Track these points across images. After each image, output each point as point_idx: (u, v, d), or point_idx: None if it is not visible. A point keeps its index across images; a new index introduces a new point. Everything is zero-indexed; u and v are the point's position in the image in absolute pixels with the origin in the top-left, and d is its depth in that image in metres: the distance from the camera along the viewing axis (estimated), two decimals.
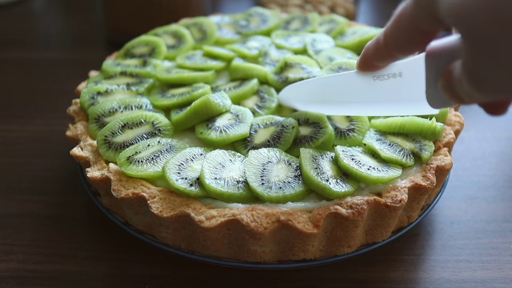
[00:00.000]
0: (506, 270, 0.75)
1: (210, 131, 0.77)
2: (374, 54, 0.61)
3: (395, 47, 0.57)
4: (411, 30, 0.53)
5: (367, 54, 0.63)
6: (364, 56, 0.64)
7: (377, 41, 0.59)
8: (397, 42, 0.56)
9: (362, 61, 0.65)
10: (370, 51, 0.62)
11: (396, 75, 0.64)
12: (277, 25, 1.10)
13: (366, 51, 0.63)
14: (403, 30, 0.54)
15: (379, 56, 0.60)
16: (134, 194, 0.68)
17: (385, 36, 0.57)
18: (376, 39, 0.59)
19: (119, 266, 0.75)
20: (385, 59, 0.61)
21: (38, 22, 1.59)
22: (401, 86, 0.64)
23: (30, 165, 0.95)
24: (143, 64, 0.95)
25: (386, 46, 0.57)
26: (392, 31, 0.56)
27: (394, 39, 0.56)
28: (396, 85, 0.64)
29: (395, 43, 0.56)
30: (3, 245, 0.78)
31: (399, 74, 0.64)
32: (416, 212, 0.75)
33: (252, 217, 0.64)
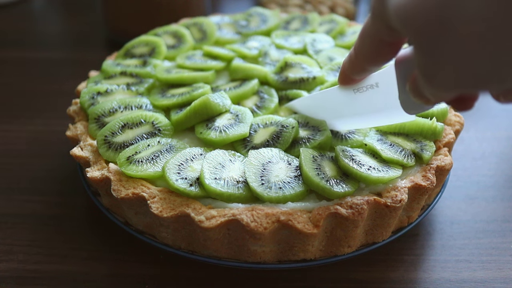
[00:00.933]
0: (506, 270, 0.75)
1: (209, 131, 0.77)
2: (350, 68, 0.64)
3: (365, 61, 0.59)
4: (375, 43, 0.55)
5: (344, 69, 0.66)
6: (342, 71, 0.66)
7: (350, 56, 0.62)
8: (366, 56, 0.58)
9: (340, 76, 0.68)
10: (346, 66, 0.65)
11: (373, 86, 0.66)
12: (277, 25, 1.10)
13: (342, 66, 0.66)
14: (368, 44, 0.56)
15: (354, 70, 0.63)
16: (134, 194, 0.68)
17: (355, 51, 0.60)
18: (349, 54, 0.62)
19: (119, 266, 0.75)
20: (360, 73, 0.63)
21: (38, 22, 1.60)
22: (379, 96, 0.66)
23: (30, 165, 0.95)
24: (143, 64, 0.95)
25: (358, 61, 0.60)
26: (359, 46, 0.58)
27: (363, 53, 0.58)
28: (375, 96, 0.67)
29: (364, 57, 0.59)
30: (3, 245, 0.78)
31: (376, 84, 0.66)
32: (416, 212, 0.75)
33: (252, 217, 0.64)
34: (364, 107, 0.69)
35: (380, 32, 0.53)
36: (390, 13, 0.48)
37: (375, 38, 0.55)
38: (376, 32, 0.54)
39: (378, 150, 0.73)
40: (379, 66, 0.60)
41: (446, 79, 0.46)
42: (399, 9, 0.46)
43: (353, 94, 0.69)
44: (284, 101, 0.86)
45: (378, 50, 0.56)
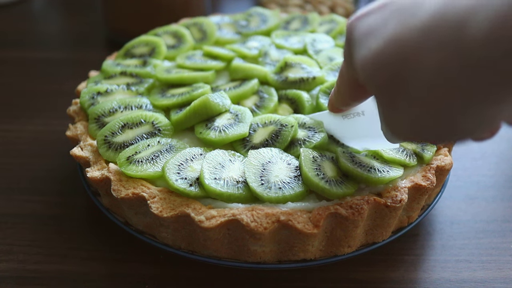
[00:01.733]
0: (506, 270, 0.75)
1: (209, 131, 0.77)
2: (336, 101, 0.68)
3: (347, 97, 0.63)
4: (351, 84, 0.59)
5: (331, 100, 0.71)
6: (330, 102, 0.71)
7: (335, 91, 0.67)
8: (346, 94, 0.62)
9: (329, 106, 0.72)
10: (332, 98, 0.69)
11: (360, 113, 0.71)
12: (277, 25, 1.10)
13: (330, 98, 0.71)
14: (346, 84, 0.60)
15: (339, 104, 0.68)
16: (134, 194, 0.68)
17: (338, 89, 0.65)
18: (334, 89, 0.67)
19: (119, 266, 0.75)
20: (345, 106, 0.68)
21: (38, 22, 1.60)
22: (365, 123, 0.70)
23: (30, 165, 0.95)
24: (143, 64, 0.95)
25: (340, 97, 0.65)
26: (340, 84, 0.62)
27: (342, 92, 0.63)
28: (361, 123, 0.71)
29: (345, 95, 0.63)
30: (3, 245, 0.78)
31: (362, 112, 0.71)
32: (416, 212, 0.75)
33: (252, 217, 0.64)
34: (352, 132, 0.73)
35: (353, 76, 0.57)
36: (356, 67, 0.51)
37: (350, 80, 0.58)
38: (349, 76, 0.58)
39: (380, 151, 0.73)
40: (360, 102, 0.64)
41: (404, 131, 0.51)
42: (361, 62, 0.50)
43: (341, 119, 0.73)
44: (284, 100, 0.86)
45: (355, 90, 0.60)
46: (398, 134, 0.52)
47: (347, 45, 0.54)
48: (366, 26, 0.50)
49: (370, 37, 0.49)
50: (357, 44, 0.51)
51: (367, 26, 0.50)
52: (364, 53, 0.49)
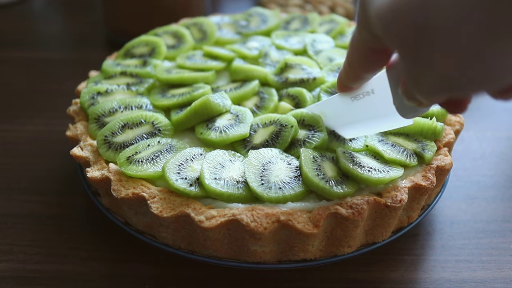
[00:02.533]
0: (506, 270, 0.75)
1: (210, 131, 0.77)
2: (345, 77, 0.64)
3: (358, 69, 0.59)
4: (365, 51, 0.55)
5: (340, 78, 0.66)
6: (338, 79, 0.66)
7: (344, 66, 0.62)
8: (358, 64, 0.58)
9: (338, 85, 0.67)
10: (341, 75, 0.65)
11: (369, 92, 0.66)
12: (277, 25, 1.10)
13: (339, 75, 0.66)
14: (359, 52, 0.56)
15: (349, 79, 0.63)
16: (134, 194, 0.68)
17: (347, 60, 0.60)
18: (343, 63, 0.62)
19: (119, 266, 0.75)
20: (356, 81, 0.63)
21: (38, 22, 1.60)
22: (375, 102, 0.66)
23: (30, 165, 0.95)
24: (143, 64, 0.95)
25: (351, 69, 0.61)
26: (350, 55, 0.59)
27: (354, 62, 0.59)
28: (371, 102, 0.66)
29: (357, 66, 0.59)
30: (3, 245, 0.78)
31: (371, 91, 0.65)
32: (416, 212, 0.75)
33: (252, 217, 0.64)
34: (362, 114, 0.69)
35: (367, 40, 0.53)
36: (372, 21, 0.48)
37: (363, 47, 0.55)
38: (363, 41, 0.54)
39: (380, 151, 0.73)
40: (373, 73, 0.60)
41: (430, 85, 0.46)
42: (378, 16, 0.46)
43: (351, 102, 0.69)
44: (285, 98, 0.86)
45: (368, 58, 0.56)
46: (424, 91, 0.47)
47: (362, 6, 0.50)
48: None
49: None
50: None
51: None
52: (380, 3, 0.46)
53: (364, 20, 0.51)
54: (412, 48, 0.44)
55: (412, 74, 0.47)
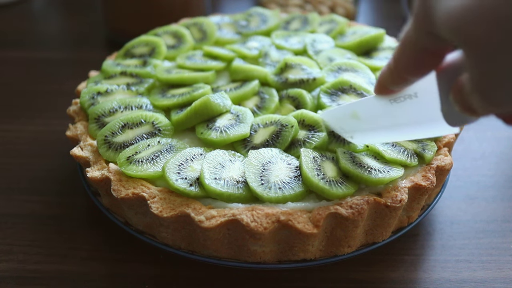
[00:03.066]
0: (506, 270, 0.75)
1: (210, 131, 0.77)
2: (388, 79, 0.59)
3: (406, 71, 0.55)
4: (417, 52, 0.52)
5: (381, 80, 0.61)
6: (379, 81, 0.62)
7: (389, 66, 0.58)
8: (407, 66, 0.54)
9: (378, 86, 0.63)
10: (383, 76, 0.60)
11: (411, 96, 0.60)
12: (277, 25, 1.10)
13: (380, 76, 0.61)
14: (410, 53, 0.53)
15: (393, 81, 0.59)
16: (134, 194, 0.68)
17: (395, 61, 0.56)
18: (388, 64, 0.58)
19: (119, 266, 0.75)
20: (399, 84, 0.59)
21: (38, 22, 1.60)
22: (418, 107, 0.60)
23: (30, 165, 0.95)
24: (143, 64, 0.95)
25: (397, 71, 0.56)
26: (400, 56, 0.54)
27: (403, 63, 0.54)
28: (413, 106, 0.61)
29: (405, 67, 0.55)
30: (3, 245, 0.78)
31: (414, 94, 0.60)
32: (416, 212, 0.75)
33: (252, 217, 0.64)
34: (401, 119, 0.64)
35: (423, 40, 0.50)
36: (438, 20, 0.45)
37: (417, 47, 0.51)
38: (418, 40, 0.50)
39: (381, 151, 0.73)
40: (420, 76, 0.55)
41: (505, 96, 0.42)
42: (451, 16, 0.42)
43: (389, 104, 0.63)
44: (285, 99, 0.86)
45: (420, 59, 0.52)
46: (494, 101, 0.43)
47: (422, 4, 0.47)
48: None
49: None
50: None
51: None
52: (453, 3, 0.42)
53: (424, 19, 0.47)
54: (493, 52, 0.40)
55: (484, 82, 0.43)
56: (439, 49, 0.51)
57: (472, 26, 0.41)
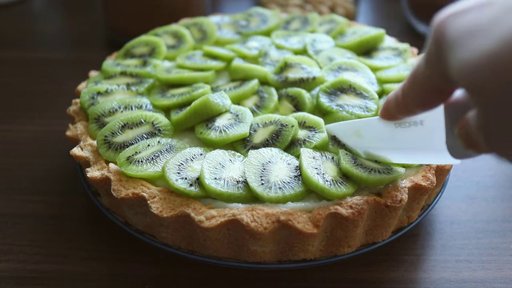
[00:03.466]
0: (506, 270, 0.75)
1: (209, 131, 0.77)
2: (395, 108, 0.60)
3: (414, 105, 0.56)
4: (426, 88, 0.53)
5: (388, 107, 0.62)
6: (386, 108, 0.63)
7: (396, 96, 0.59)
8: (415, 99, 0.55)
9: (383, 112, 0.64)
10: (390, 104, 0.61)
11: (417, 123, 0.62)
12: (277, 25, 1.10)
13: (387, 103, 0.62)
14: (419, 88, 0.53)
15: (399, 111, 0.60)
16: (134, 194, 0.68)
17: (403, 93, 0.57)
18: (395, 94, 0.59)
19: (119, 266, 0.75)
20: (405, 114, 0.60)
21: (38, 22, 1.60)
22: (422, 134, 0.62)
23: (30, 165, 0.95)
24: (143, 64, 0.95)
25: (405, 103, 0.57)
26: (408, 89, 0.55)
27: (412, 97, 0.55)
28: (417, 133, 0.62)
29: (413, 101, 0.56)
30: (3, 245, 0.78)
31: (420, 122, 0.61)
32: (416, 212, 0.75)
33: (252, 217, 0.64)
34: (404, 143, 0.65)
35: (433, 79, 0.51)
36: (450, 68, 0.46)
37: (427, 84, 0.52)
38: (429, 78, 0.51)
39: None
40: (426, 110, 0.56)
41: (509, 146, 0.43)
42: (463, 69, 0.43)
43: (394, 127, 0.64)
44: (284, 98, 0.86)
45: (428, 95, 0.53)
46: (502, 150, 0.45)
47: (436, 46, 0.48)
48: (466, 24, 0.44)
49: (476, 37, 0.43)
50: (454, 44, 0.45)
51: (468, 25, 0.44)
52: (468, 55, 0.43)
53: (436, 62, 0.48)
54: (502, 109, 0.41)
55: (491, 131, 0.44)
56: (449, 88, 0.52)
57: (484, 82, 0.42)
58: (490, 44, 0.41)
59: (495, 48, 0.41)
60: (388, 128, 0.65)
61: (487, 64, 0.41)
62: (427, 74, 0.51)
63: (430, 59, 0.50)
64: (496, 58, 0.41)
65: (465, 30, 0.44)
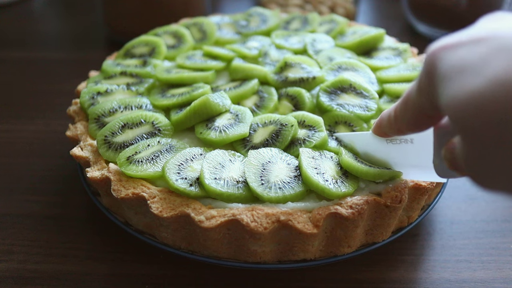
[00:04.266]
0: (506, 270, 0.75)
1: (209, 131, 0.77)
2: (387, 127, 0.63)
3: (404, 126, 0.59)
4: (417, 114, 0.55)
5: (380, 125, 0.65)
6: (379, 125, 0.66)
7: (389, 116, 0.61)
8: (406, 122, 0.58)
9: (376, 129, 0.67)
10: (383, 123, 0.64)
11: (408, 141, 0.65)
12: (277, 25, 1.10)
13: (380, 121, 0.65)
14: (410, 113, 0.56)
15: (391, 130, 0.63)
16: (134, 194, 0.68)
17: (395, 114, 0.59)
18: (389, 114, 0.62)
19: (119, 266, 0.75)
20: (396, 133, 0.63)
21: (38, 22, 1.60)
22: (412, 152, 0.65)
23: (30, 165, 0.95)
24: (143, 64, 0.95)
25: (397, 125, 0.60)
26: (400, 112, 0.58)
27: (403, 119, 0.58)
28: (407, 151, 0.66)
29: (404, 123, 0.58)
30: (3, 245, 0.78)
31: (410, 140, 0.65)
32: (416, 212, 0.75)
33: (252, 217, 0.64)
34: (395, 158, 0.69)
35: (423, 106, 0.52)
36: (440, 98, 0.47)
37: (417, 110, 0.54)
38: (419, 106, 0.53)
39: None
40: (416, 132, 0.59)
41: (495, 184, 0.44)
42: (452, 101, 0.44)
43: (385, 143, 0.68)
44: (284, 98, 0.86)
45: (418, 120, 0.56)
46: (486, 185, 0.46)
47: (427, 77, 0.49)
48: (457, 60, 0.45)
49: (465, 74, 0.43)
50: (444, 79, 0.46)
51: (459, 61, 0.45)
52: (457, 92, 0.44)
53: (428, 92, 0.49)
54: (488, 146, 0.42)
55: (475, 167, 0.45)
56: (439, 115, 0.53)
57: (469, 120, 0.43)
58: (478, 84, 0.42)
59: (482, 89, 0.41)
60: (380, 143, 0.69)
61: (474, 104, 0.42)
62: (418, 101, 0.53)
63: (422, 88, 0.51)
64: (483, 99, 0.41)
65: (455, 66, 0.45)
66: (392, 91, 0.87)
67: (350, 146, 0.75)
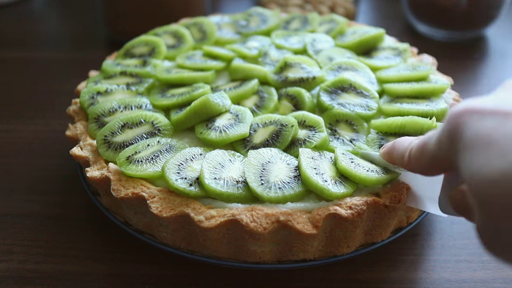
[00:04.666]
0: (506, 270, 0.75)
1: (209, 131, 0.77)
2: (398, 160, 0.63)
3: (416, 169, 0.59)
4: (433, 163, 0.55)
5: (391, 155, 0.65)
6: (389, 153, 0.66)
7: (403, 154, 0.61)
8: (418, 166, 0.58)
9: (386, 155, 0.67)
10: (395, 155, 0.64)
11: None
12: (277, 25, 1.10)
13: (391, 151, 0.65)
14: (425, 161, 0.56)
15: (401, 165, 0.63)
16: (133, 194, 0.68)
17: (409, 157, 0.59)
18: (403, 151, 0.61)
19: (119, 266, 0.75)
20: (407, 169, 0.63)
21: (38, 22, 1.60)
22: (420, 182, 0.67)
23: (30, 165, 0.95)
24: (143, 64, 0.95)
25: (409, 164, 0.60)
26: (415, 158, 0.58)
27: (416, 164, 0.58)
28: (415, 180, 0.68)
29: (416, 167, 0.58)
30: (3, 245, 0.78)
31: None
32: (415, 212, 0.75)
33: (251, 217, 0.64)
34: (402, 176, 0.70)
35: (440, 161, 0.53)
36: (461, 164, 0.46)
37: (433, 160, 0.54)
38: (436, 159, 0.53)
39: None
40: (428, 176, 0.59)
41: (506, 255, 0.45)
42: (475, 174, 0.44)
43: (392, 167, 0.69)
44: (284, 97, 0.86)
45: (432, 168, 0.56)
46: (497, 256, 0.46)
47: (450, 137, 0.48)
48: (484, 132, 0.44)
49: (492, 151, 0.43)
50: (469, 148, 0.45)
51: (486, 133, 0.44)
52: (482, 166, 0.43)
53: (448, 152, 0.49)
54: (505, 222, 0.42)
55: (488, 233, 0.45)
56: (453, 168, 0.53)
57: (492, 198, 0.42)
58: (504, 165, 0.41)
59: (507, 171, 0.41)
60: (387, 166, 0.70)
61: (497, 183, 0.42)
62: (436, 155, 0.53)
63: (442, 145, 0.51)
64: (504, 180, 0.41)
65: (482, 139, 0.44)
66: (392, 91, 0.87)
67: None
